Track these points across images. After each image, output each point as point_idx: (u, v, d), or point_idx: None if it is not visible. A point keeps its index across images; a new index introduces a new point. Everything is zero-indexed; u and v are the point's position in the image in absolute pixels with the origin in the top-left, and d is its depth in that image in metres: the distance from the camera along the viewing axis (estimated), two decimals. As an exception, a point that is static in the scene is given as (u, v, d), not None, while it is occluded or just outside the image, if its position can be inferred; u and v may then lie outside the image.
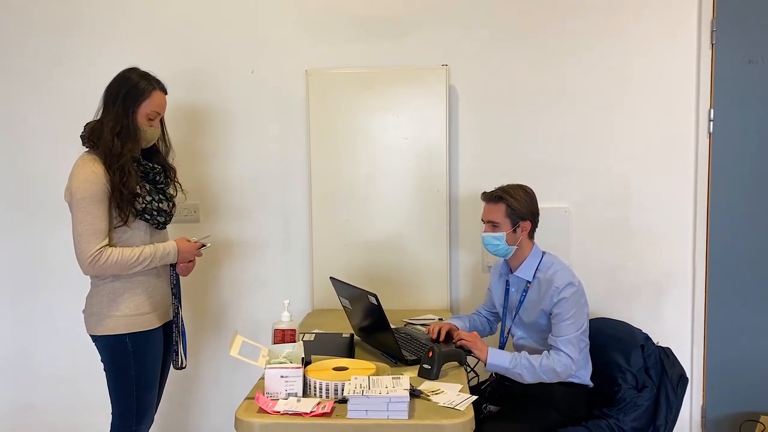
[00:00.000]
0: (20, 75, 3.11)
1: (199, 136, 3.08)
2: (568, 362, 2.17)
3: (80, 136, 2.22)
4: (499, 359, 2.19)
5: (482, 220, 2.36)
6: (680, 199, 2.98)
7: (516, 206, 2.28)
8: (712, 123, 2.93)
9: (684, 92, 2.94)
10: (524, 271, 2.34)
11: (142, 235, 2.23)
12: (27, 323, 3.21)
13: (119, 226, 2.16)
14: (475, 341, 2.23)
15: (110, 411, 2.29)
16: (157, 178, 2.29)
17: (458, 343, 2.25)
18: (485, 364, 2.20)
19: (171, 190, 2.38)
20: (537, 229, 2.38)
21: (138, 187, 2.18)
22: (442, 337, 2.36)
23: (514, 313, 2.38)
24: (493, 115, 3.00)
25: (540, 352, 2.23)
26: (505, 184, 2.36)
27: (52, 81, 3.10)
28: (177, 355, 2.38)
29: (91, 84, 2.78)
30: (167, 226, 2.34)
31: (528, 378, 2.17)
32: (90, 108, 2.28)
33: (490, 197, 2.34)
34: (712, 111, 2.93)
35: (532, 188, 2.36)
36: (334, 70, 2.95)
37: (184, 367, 2.41)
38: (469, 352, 2.21)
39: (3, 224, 3.17)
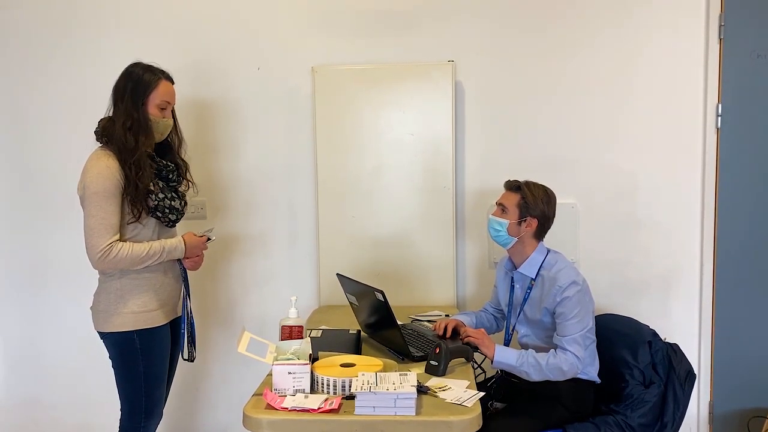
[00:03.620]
0: (25, 71, 3.11)
1: (205, 133, 3.09)
2: (574, 361, 2.17)
3: (94, 131, 2.23)
4: (505, 357, 2.19)
5: (496, 203, 2.37)
6: (688, 194, 2.97)
7: (530, 201, 2.28)
8: (719, 118, 2.91)
9: (692, 87, 2.93)
10: (528, 268, 2.33)
11: (151, 232, 2.24)
12: (35, 319, 3.23)
13: (131, 223, 2.17)
14: (482, 338, 2.23)
15: (119, 407, 2.30)
16: (170, 176, 2.29)
17: (465, 340, 2.25)
18: (492, 362, 2.20)
19: (183, 188, 2.38)
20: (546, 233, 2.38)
21: (151, 184, 2.19)
22: (448, 334, 2.36)
23: (518, 310, 2.38)
24: (500, 110, 3.00)
25: (544, 350, 2.23)
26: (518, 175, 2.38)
27: (58, 77, 3.11)
28: (192, 346, 2.39)
29: (97, 80, 2.80)
30: (177, 224, 2.35)
31: (534, 376, 2.17)
32: (96, 104, 2.28)
33: (510, 185, 2.36)
34: (719, 106, 2.91)
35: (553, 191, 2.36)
36: (339, 66, 2.95)
37: (194, 359, 2.42)
38: (476, 349, 2.21)
39: (10, 221, 3.19)
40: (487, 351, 2.20)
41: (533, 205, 2.28)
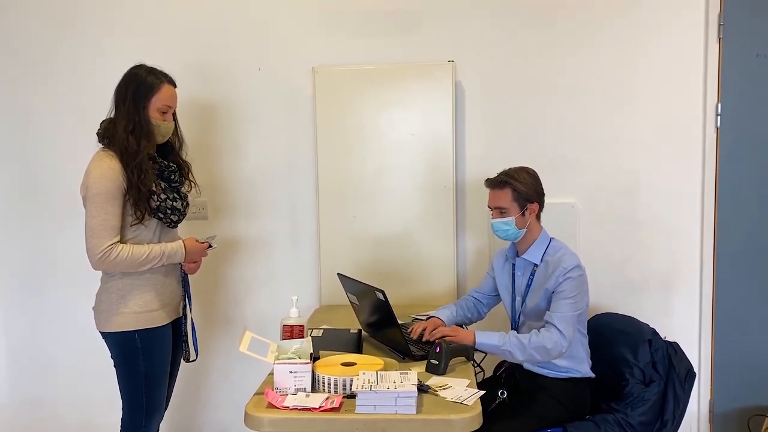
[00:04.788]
0: (27, 72, 3.13)
1: (206, 134, 3.09)
2: (559, 338, 2.14)
3: (96, 133, 2.23)
4: (487, 338, 2.17)
5: (489, 207, 2.36)
6: (688, 193, 2.97)
7: (522, 189, 2.28)
8: (719, 117, 2.92)
9: (691, 86, 2.93)
10: (532, 254, 2.33)
11: (152, 233, 2.24)
12: (38, 319, 3.24)
13: (135, 224, 2.17)
14: (457, 332, 2.21)
15: (120, 406, 2.30)
16: (172, 176, 2.30)
17: (438, 338, 2.17)
18: (474, 345, 2.16)
19: (185, 189, 2.38)
20: (544, 223, 2.38)
21: (153, 184, 2.19)
22: (425, 337, 2.27)
23: (522, 297, 2.38)
24: (500, 110, 3.00)
25: None
26: (506, 168, 2.36)
27: (61, 77, 3.12)
28: (187, 345, 2.40)
29: (99, 81, 2.80)
30: (178, 225, 2.35)
31: (519, 355, 2.16)
32: (99, 105, 2.29)
33: (494, 183, 2.34)
34: (719, 105, 2.91)
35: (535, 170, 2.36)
36: (340, 66, 2.96)
37: (194, 360, 2.44)
38: (465, 349, 2.17)
39: (13, 221, 3.20)
40: (466, 340, 2.16)
41: (526, 191, 2.29)
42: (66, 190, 3.06)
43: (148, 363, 2.23)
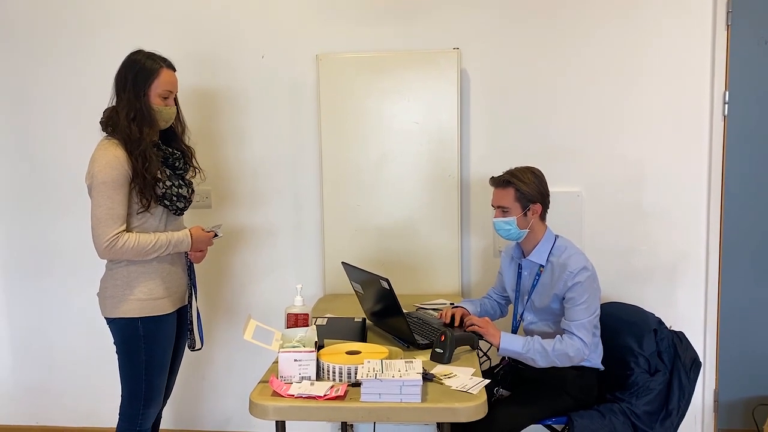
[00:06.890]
0: (30, 61, 3.12)
1: (209, 122, 3.08)
2: (581, 346, 2.17)
3: (99, 122, 2.22)
4: (512, 344, 2.19)
5: (492, 206, 2.36)
6: (694, 182, 2.95)
7: (525, 189, 2.27)
8: (727, 105, 2.89)
9: (699, 74, 2.90)
10: (537, 255, 2.33)
11: (158, 221, 2.24)
12: (43, 308, 3.25)
13: (141, 212, 2.17)
14: (487, 327, 2.23)
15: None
16: (177, 163, 2.29)
17: (469, 328, 2.25)
18: (498, 349, 2.20)
19: (190, 175, 2.38)
20: (549, 212, 2.37)
21: (158, 172, 2.19)
22: (456, 322, 2.36)
23: (526, 298, 2.38)
24: (505, 98, 2.98)
25: (551, 336, 2.23)
26: (513, 167, 2.35)
27: (63, 67, 3.11)
28: (192, 334, 2.41)
29: (101, 69, 2.79)
30: (184, 212, 2.34)
31: (541, 362, 2.17)
32: (100, 94, 2.28)
33: (498, 182, 2.33)
34: (727, 93, 2.89)
35: (541, 170, 2.34)
36: (344, 54, 2.94)
37: (199, 349, 2.44)
38: (482, 337, 2.21)
39: (17, 210, 3.21)
40: (492, 339, 2.20)
41: (529, 192, 2.27)
42: (71, 178, 3.07)
43: (149, 351, 2.23)
